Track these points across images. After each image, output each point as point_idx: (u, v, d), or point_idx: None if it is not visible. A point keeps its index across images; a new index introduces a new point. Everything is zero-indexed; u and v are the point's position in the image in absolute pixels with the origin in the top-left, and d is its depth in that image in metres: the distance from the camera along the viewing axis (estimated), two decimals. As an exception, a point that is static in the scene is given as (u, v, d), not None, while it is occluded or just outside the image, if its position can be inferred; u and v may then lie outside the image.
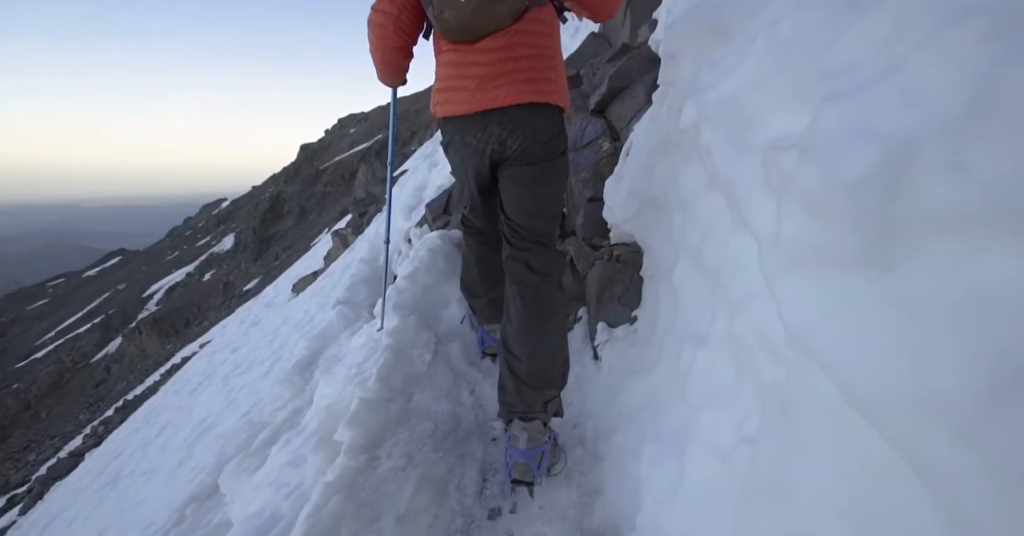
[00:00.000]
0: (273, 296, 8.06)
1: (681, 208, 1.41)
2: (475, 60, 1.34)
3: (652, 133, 1.82)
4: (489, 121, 1.36)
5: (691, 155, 1.35)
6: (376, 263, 4.22)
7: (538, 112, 1.38)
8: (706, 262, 1.20)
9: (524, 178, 1.45)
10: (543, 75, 1.38)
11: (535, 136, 1.39)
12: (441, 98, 1.43)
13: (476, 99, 1.34)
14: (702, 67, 1.32)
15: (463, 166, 1.52)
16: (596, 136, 2.48)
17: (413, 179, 5.60)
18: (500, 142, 1.38)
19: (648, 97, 2.23)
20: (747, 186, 0.94)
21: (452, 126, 1.44)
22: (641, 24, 2.73)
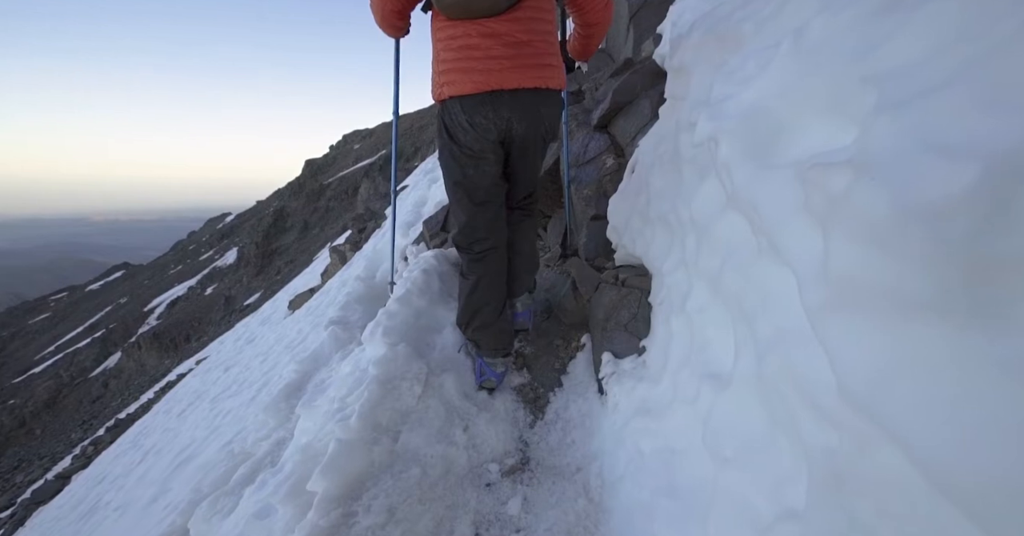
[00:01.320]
0: (270, 312, 7.92)
1: (695, 229, 1.28)
2: (478, 44, 1.39)
3: (660, 148, 1.71)
4: (500, 103, 1.42)
5: (706, 172, 1.23)
6: (372, 280, 4.09)
7: (544, 99, 1.47)
8: (726, 291, 1.06)
9: (524, 162, 1.65)
10: (547, 61, 1.46)
11: (538, 121, 1.50)
12: (447, 79, 1.45)
13: (484, 79, 1.39)
14: (715, 78, 1.21)
15: (475, 142, 1.51)
16: (599, 152, 2.38)
17: (413, 195, 5.52)
18: (507, 123, 1.46)
19: (654, 111, 2.13)
20: (777, 208, 0.81)
21: (459, 106, 1.45)
22: (644, 38, 2.66)
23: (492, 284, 1.77)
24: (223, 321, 21.44)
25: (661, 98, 2.10)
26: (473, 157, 1.56)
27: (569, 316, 2.08)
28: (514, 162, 1.68)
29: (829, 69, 0.77)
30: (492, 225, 1.72)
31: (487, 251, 1.74)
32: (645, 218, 1.69)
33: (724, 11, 1.48)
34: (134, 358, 28.06)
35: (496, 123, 1.46)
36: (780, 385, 0.78)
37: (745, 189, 0.93)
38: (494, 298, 1.78)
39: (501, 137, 1.52)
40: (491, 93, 1.41)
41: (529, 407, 1.83)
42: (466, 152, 1.54)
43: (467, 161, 1.56)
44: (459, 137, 1.51)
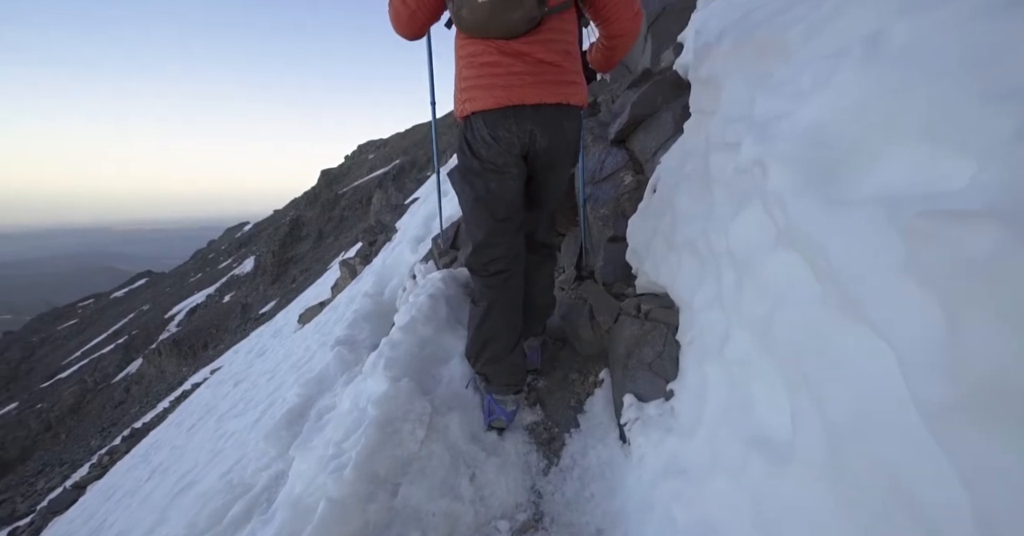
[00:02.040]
0: (282, 324, 7.86)
1: (732, 263, 1.11)
2: (499, 61, 1.38)
3: (686, 167, 1.54)
4: (523, 117, 1.41)
5: (747, 198, 1.06)
6: (381, 297, 3.97)
7: (565, 113, 1.45)
8: (778, 344, 0.89)
9: (547, 181, 1.61)
10: (569, 78, 1.44)
11: (561, 136, 1.47)
12: (469, 96, 1.44)
13: (505, 95, 1.39)
14: (757, 91, 1.05)
15: (497, 157, 1.47)
16: (617, 168, 2.22)
17: (424, 207, 5.42)
18: (531, 136, 1.44)
19: (677, 126, 1.96)
20: (856, 258, 0.64)
21: (482, 120, 1.44)
22: (664, 48, 2.50)
23: (505, 312, 1.64)
24: (239, 329, 21.65)
25: (684, 111, 1.93)
26: (496, 171, 1.51)
27: (586, 347, 1.91)
28: (538, 178, 1.62)
29: (926, 84, 0.60)
30: (511, 244, 1.62)
31: (502, 273, 1.63)
32: (670, 243, 1.52)
33: (760, 16, 1.32)
34: (154, 364, 28.51)
35: (519, 136, 1.44)
36: (871, 488, 0.60)
37: (805, 226, 0.76)
38: (506, 328, 1.65)
39: (524, 151, 1.49)
40: (514, 108, 1.40)
41: (543, 450, 1.65)
42: (489, 167, 1.50)
43: (490, 175, 1.52)
44: (482, 152, 1.49)
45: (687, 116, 1.91)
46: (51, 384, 36.15)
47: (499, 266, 1.62)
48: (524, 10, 1.28)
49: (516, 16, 1.29)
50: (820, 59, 0.87)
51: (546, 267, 1.86)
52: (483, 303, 1.66)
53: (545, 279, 1.87)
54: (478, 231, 1.60)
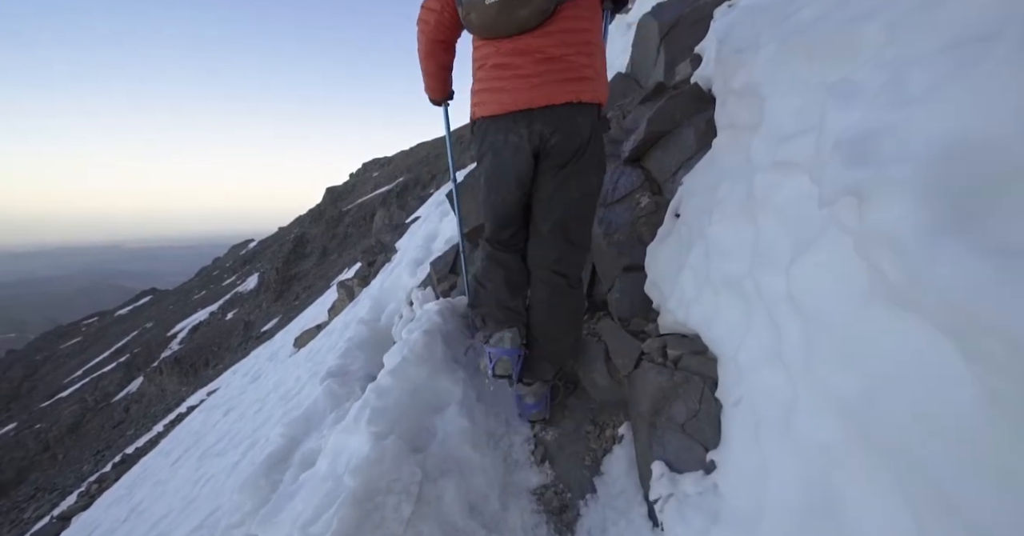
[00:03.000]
0: (279, 346, 7.60)
1: (798, 316, 0.87)
2: (510, 62, 1.35)
3: (721, 190, 1.32)
4: (532, 119, 1.36)
5: (820, 235, 0.82)
6: (377, 323, 3.72)
7: (577, 110, 1.37)
8: (891, 438, 0.64)
9: (560, 175, 1.45)
10: (581, 74, 1.35)
11: (575, 133, 1.39)
12: (479, 99, 1.44)
13: (513, 99, 1.35)
14: (828, 101, 0.82)
15: (503, 166, 1.47)
16: (632, 189, 2.00)
17: (425, 227, 5.21)
18: (541, 137, 1.39)
19: (700, 143, 1.75)
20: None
21: (493, 127, 1.42)
22: (678, 61, 2.31)
23: (509, 281, 1.66)
24: (239, 348, 21.38)
25: (709, 127, 1.72)
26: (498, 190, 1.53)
27: (601, 393, 1.65)
28: (551, 175, 1.46)
29: None
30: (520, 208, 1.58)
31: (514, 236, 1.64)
32: (703, 279, 1.28)
33: (807, 17, 1.11)
34: (155, 383, 28.17)
35: (531, 139, 1.40)
36: None
37: (946, 285, 0.52)
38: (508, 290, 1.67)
39: (535, 150, 1.44)
40: (524, 112, 1.36)
41: (554, 522, 1.39)
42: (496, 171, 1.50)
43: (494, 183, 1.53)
44: (490, 162, 1.49)
45: (712, 132, 1.70)
46: (51, 403, 35.75)
47: (504, 245, 1.65)
48: (533, 6, 1.25)
49: (525, 13, 1.26)
50: (931, 55, 0.64)
51: (565, 303, 1.59)
52: (490, 267, 1.70)
53: (562, 318, 1.60)
54: (492, 215, 1.60)
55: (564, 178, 1.44)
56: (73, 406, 31.72)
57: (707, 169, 1.48)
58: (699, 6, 2.33)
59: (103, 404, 31.08)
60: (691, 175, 1.63)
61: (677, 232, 1.55)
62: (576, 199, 1.48)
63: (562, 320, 1.61)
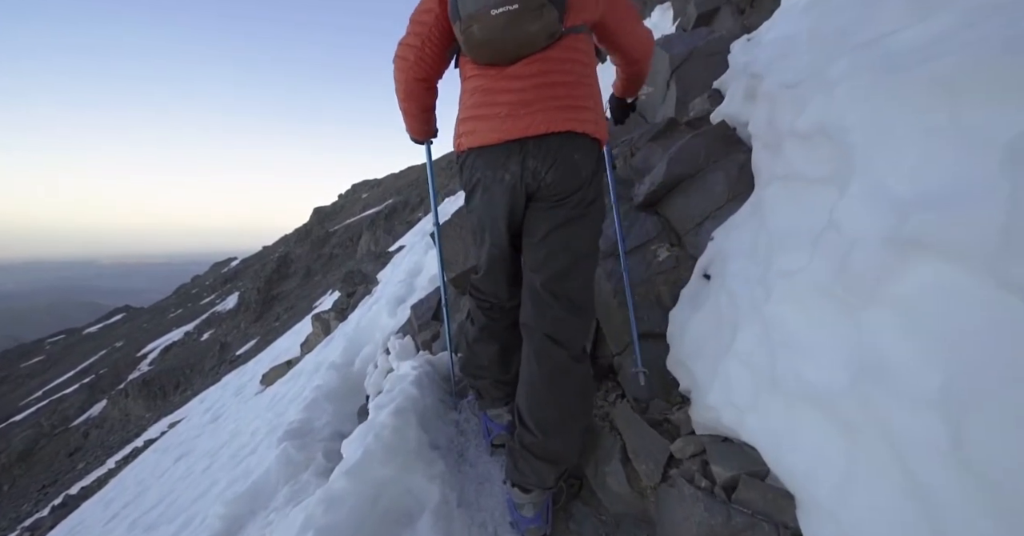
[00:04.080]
0: (248, 378, 7.01)
1: (967, 476, 0.55)
2: (506, 86, 1.20)
3: (779, 260, 1.02)
4: (524, 151, 1.20)
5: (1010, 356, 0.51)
6: (350, 368, 3.31)
7: (576, 144, 1.21)
8: None
9: (555, 217, 1.24)
10: (581, 104, 1.22)
11: (572, 170, 1.21)
12: (466, 128, 1.26)
13: (507, 127, 1.19)
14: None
15: (491, 208, 1.29)
16: (647, 239, 1.70)
17: (408, 259, 4.86)
18: (534, 175, 1.21)
19: (731, 191, 1.47)
20: None
21: (481, 160, 1.25)
22: (692, 95, 2.08)
23: (495, 338, 1.48)
24: (211, 372, 20.32)
25: (741, 174, 1.45)
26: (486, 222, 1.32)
27: (615, 502, 1.29)
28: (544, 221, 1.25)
29: None
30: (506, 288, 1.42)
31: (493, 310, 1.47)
32: (764, 379, 0.96)
33: (912, 40, 0.84)
34: (119, 407, 26.57)
35: (523, 177, 1.22)
36: None
37: None
38: (499, 355, 1.49)
39: (528, 191, 1.25)
40: (516, 142, 1.19)
41: None
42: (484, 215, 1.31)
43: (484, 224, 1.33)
44: (477, 199, 1.30)
45: (746, 180, 1.42)
46: (3, 428, 33.39)
47: (490, 303, 1.47)
48: (543, 22, 1.12)
49: (535, 29, 1.12)
50: None
51: (568, 384, 1.26)
52: (475, 327, 1.52)
53: (566, 404, 1.25)
54: (481, 256, 1.43)
55: (560, 223, 1.23)
56: (27, 431, 29.72)
57: (750, 227, 1.19)
58: (713, 39, 2.12)
59: (60, 429, 29.17)
60: (724, 231, 1.34)
61: (712, 301, 1.24)
62: (575, 249, 1.25)
63: (566, 407, 1.26)
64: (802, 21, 1.47)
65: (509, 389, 1.48)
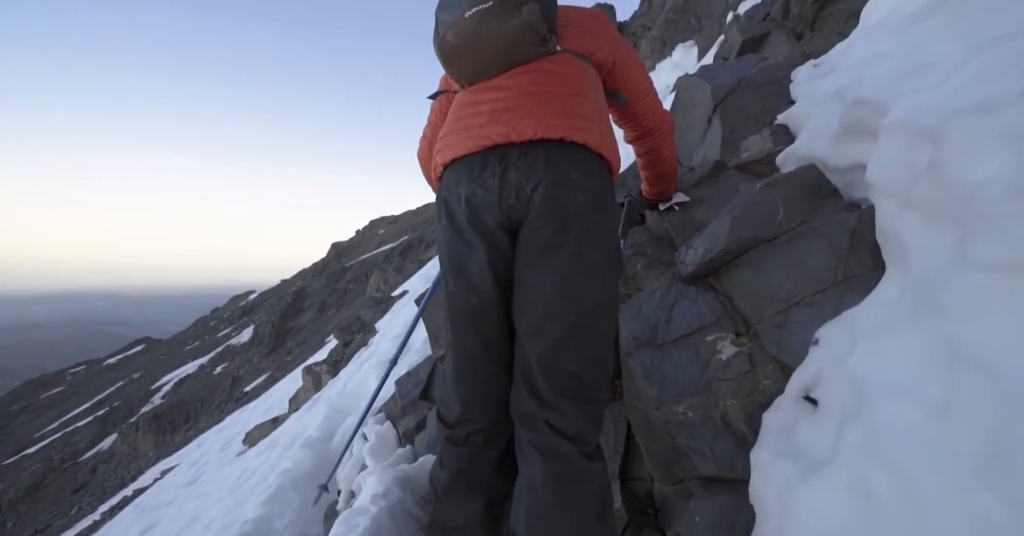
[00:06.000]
0: (238, 431, 6.46)
1: None
2: (490, 96, 0.99)
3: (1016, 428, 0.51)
4: (504, 161, 0.92)
5: None
6: (328, 445, 2.76)
7: (574, 158, 0.93)
8: None
9: (552, 261, 0.90)
10: (580, 112, 0.96)
11: (568, 192, 0.90)
12: (442, 144, 1.03)
13: (487, 133, 0.94)
14: None
15: (459, 242, 0.96)
16: (700, 324, 1.19)
17: (408, 309, 4.39)
18: (517, 193, 0.90)
19: (844, 268, 0.97)
20: None
21: (452, 176, 0.98)
22: (743, 132, 1.63)
23: (475, 487, 1.01)
24: (217, 410, 19.81)
25: (858, 243, 0.96)
26: (459, 258, 0.96)
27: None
28: (536, 273, 0.91)
29: None
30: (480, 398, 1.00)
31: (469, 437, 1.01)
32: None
33: None
34: (129, 441, 26.12)
35: (503, 195, 0.90)
36: None
37: None
38: (477, 516, 1.00)
39: (508, 219, 0.92)
40: (494, 149, 0.93)
41: None
42: (452, 250, 0.97)
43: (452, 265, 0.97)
44: (447, 232, 0.99)
45: (866, 252, 0.93)
46: (15, 461, 32.94)
47: (465, 427, 1.01)
48: (523, 20, 0.93)
49: (513, 24, 0.94)
50: None
51: (578, 494, 0.85)
52: (448, 468, 1.03)
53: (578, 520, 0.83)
54: (447, 365, 1.08)
55: (559, 269, 0.90)
56: (36, 465, 29.31)
57: (916, 341, 0.68)
58: (766, 67, 1.70)
59: (69, 463, 28.70)
60: (842, 332, 0.84)
61: (844, 465, 0.71)
62: (582, 306, 0.91)
63: (580, 526, 0.83)
64: (916, 35, 1.03)
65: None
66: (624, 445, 1.43)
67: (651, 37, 6.63)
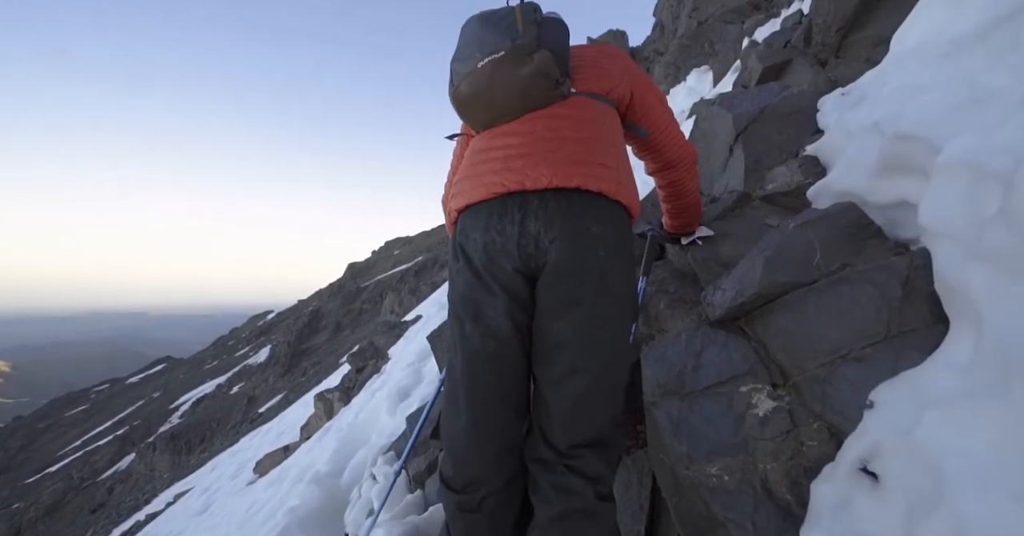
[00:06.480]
0: (249, 457, 6.38)
1: None
2: (503, 142, 0.99)
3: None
4: (524, 209, 0.90)
5: None
6: (336, 481, 2.66)
7: (593, 209, 0.92)
8: None
9: (572, 315, 0.89)
10: (596, 159, 0.95)
11: (587, 246, 0.90)
12: (456, 190, 1.03)
13: (500, 180, 0.94)
14: None
15: (478, 287, 0.92)
16: (732, 374, 1.09)
17: (422, 335, 4.32)
18: (536, 243, 0.89)
19: (895, 322, 0.87)
20: None
21: (468, 221, 0.96)
22: (769, 163, 1.56)
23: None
24: (231, 431, 19.82)
25: (912, 292, 0.86)
26: (477, 302, 0.92)
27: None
28: (555, 328, 0.90)
29: None
30: (494, 453, 0.93)
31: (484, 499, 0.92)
32: None
33: None
34: (146, 461, 26.31)
35: (522, 244, 0.89)
36: None
37: None
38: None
39: (526, 266, 0.91)
40: (511, 196, 0.92)
41: None
42: (470, 294, 0.93)
43: (468, 308, 0.93)
44: (463, 278, 0.95)
45: (921, 302, 0.83)
46: (38, 479, 33.36)
47: (477, 490, 0.93)
48: (535, 67, 0.93)
49: (525, 71, 0.93)
50: None
51: (587, 532, 0.87)
52: None
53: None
54: (450, 414, 0.99)
55: (580, 324, 0.90)
56: (57, 484, 29.65)
57: (998, 418, 0.58)
58: (790, 95, 1.63)
59: (88, 482, 28.95)
60: (898, 396, 0.73)
61: None
62: (602, 358, 0.92)
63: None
64: (962, 65, 0.95)
65: None
66: (650, 501, 1.32)
67: (664, 62, 6.67)
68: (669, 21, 10.05)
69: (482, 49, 0.96)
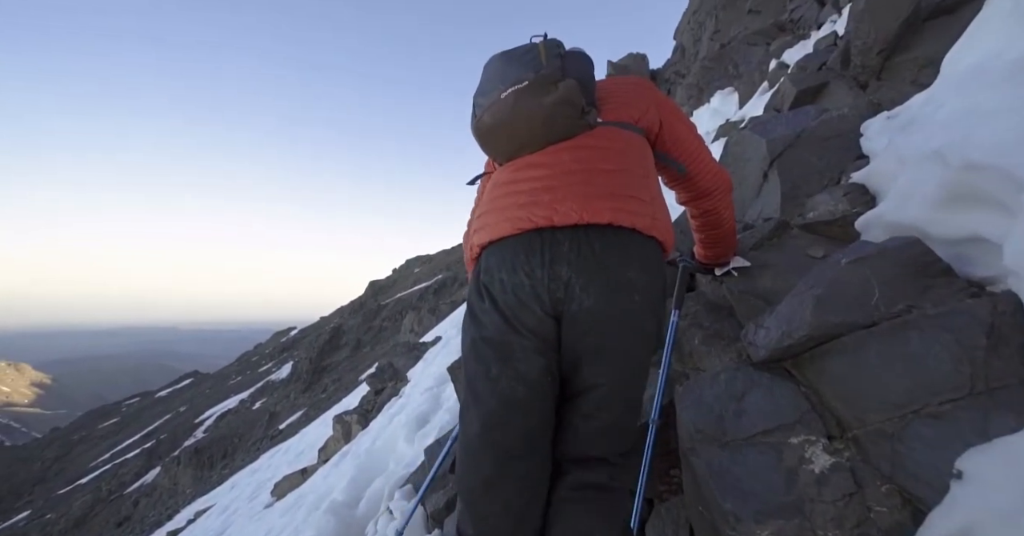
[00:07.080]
0: (261, 482, 6.33)
1: None
2: (528, 175, 0.94)
3: None
4: (553, 250, 0.84)
5: None
6: (353, 511, 2.57)
7: (628, 250, 0.85)
8: None
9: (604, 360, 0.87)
10: (626, 192, 0.90)
11: (623, 293, 0.84)
12: (479, 224, 0.98)
13: (526, 215, 0.88)
14: None
15: (511, 333, 0.86)
16: (780, 423, 0.98)
17: (440, 359, 4.26)
18: (567, 289, 0.84)
19: (981, 378, 0.77)
20: None
21: (493, 259, 0.90)
22: (808, 190, 1.46)
23: None
24: (252, 447, 19.95)
25: (997, 342, 0.76)
26: (505, 344, 0.86)
27: None
28: (581, 374, 0.88)
29: None
30: (520, 505, 0.86)
31: None
32: None
33: None
34: (170, 475, 26.70)
35: (551, 286, 0.84)
36: None
37: None
38: None
39: (555, 309, 0.86)
40: (539, 233, 0.86)
41: None
42: (497, 336, 0.87)
43: (495, 350, 0.86)
44: (487, 317, 0.89)
45: (1005, 353, 0.73)
46: (70, 490, 34.20)
47: None
48: (560, 96, 0.90)
49: (549, 100, 0.90)
50: None
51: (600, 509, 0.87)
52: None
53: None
54: (468, 469, 0.90)
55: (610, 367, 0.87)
56: (86, 496, 30.34)
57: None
58: (829, 118, 1.55)
59: (116, 495, 29.52)
60: (1008, 469, 0.63)
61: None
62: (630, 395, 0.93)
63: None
64: None
65: None
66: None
67: (687, 84, 6.65)
68: (690, 44, 10.09)
69: (505, 81, 0.94)
